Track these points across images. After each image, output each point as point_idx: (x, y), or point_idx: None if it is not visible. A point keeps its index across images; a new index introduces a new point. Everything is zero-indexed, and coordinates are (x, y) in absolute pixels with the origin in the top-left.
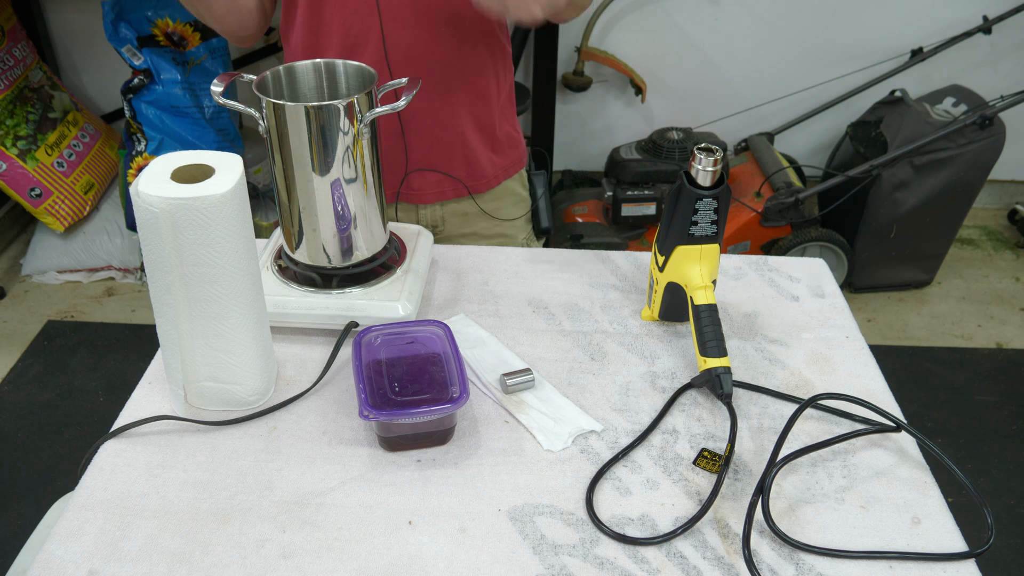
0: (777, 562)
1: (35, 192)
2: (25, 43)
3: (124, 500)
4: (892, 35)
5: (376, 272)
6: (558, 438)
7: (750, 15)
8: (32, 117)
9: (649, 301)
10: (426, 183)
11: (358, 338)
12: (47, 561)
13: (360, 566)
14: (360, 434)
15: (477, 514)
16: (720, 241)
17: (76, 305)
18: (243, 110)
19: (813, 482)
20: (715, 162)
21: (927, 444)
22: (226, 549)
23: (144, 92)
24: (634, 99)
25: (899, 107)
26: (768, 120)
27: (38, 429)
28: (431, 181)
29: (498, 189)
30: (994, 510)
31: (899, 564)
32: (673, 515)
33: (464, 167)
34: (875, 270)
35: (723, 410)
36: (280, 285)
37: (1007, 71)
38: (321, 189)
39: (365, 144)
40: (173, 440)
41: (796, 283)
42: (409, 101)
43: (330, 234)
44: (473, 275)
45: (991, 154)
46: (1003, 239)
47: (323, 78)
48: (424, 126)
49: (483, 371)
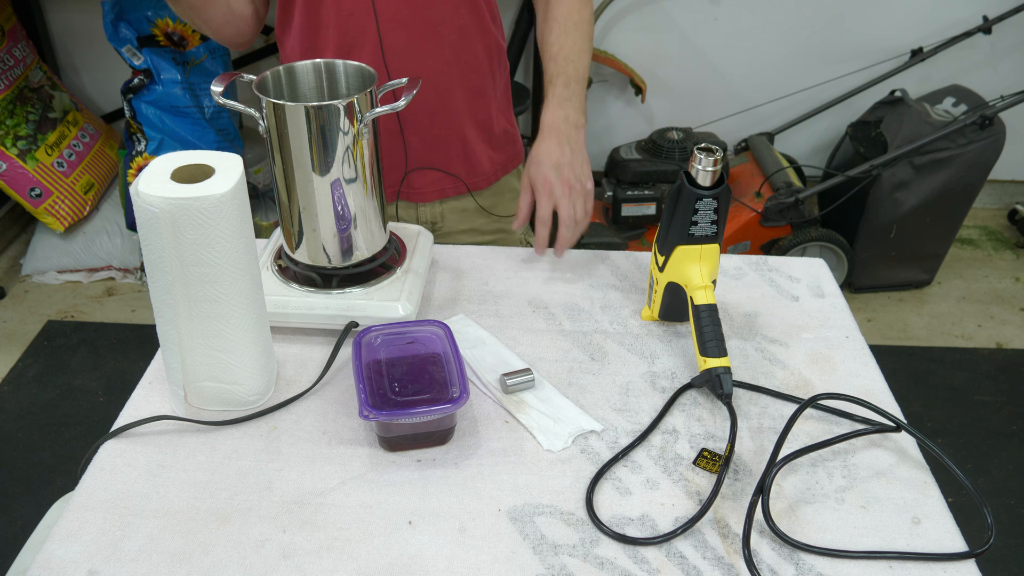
0: (777, 562)
1: (35, 192)
2: (25, 43)
3: (124, 500)
4: (892, 35)
5: (376, 272)
6: (558, 438)
7: (750, 15)
8: (32, 117)
9: (649, 301)
10: (426, 181)
11: (358, 338)
12: (47, 561)
13: (360, 566)
14: (360, 434)
15: (477, 514)
16: (720, 241)
17: (76, 305)
18: (243, 110)
19: (813, 482)
20: (715, 162)
21: (927, 444)
22: (226, 549)
23: (144, 92)
24: (634, 99)
25: (899, 107)
26: (768, 120)
27: (38, 429)
28: (431, 179)
29: (497, 185)
30: (994, 510)
31: (899, 564)
32: (673, 515)
33: (463, 164)
34: (875, 270)
35: (723, 410)
36: (280, 285)
37: (1007, 71)
38: (321, 189)
39: (365, 144)
40: (173, 440)
41: (796, 283)
42: (409, 101)
43: (330, 234)
44: (473, 275)
45: (991, 154)
46: (1003, 239)
47: (323, 78)
48: (423, 125)
49: (483, 371)
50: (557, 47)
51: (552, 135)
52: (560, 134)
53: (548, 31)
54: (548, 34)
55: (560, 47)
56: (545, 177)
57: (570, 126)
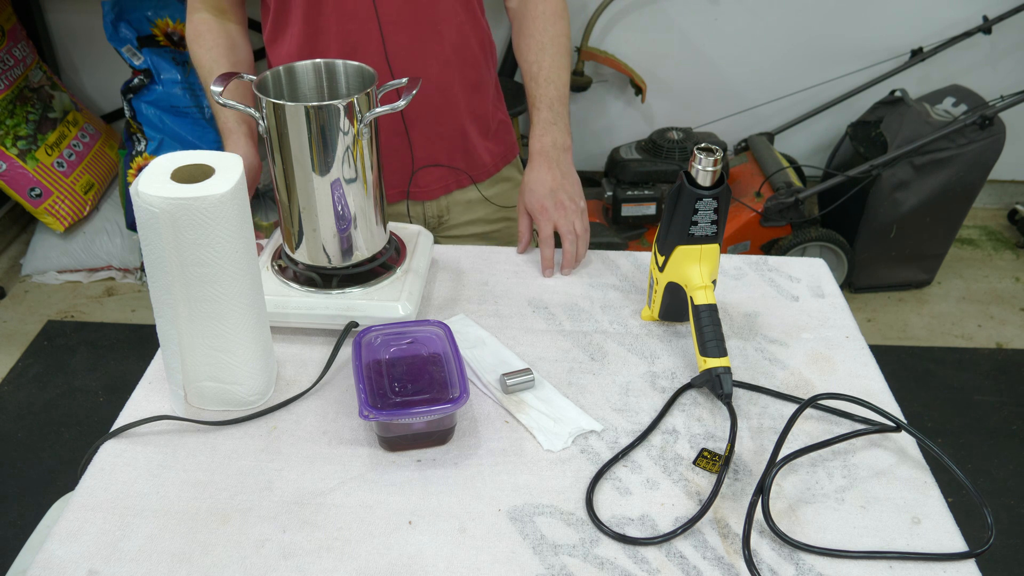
0: (777, 562)
1: (35, 192)
2: (25, 43)
3: (124, 500)
4: (892, 35)
5: (376, 272)
6: (558, 438)
7: (750, 15)
8: (32, 117)
9: (649, 301)
10: (431, 179)
11: (358, 338)
12: (47, 561)
13: (360, 566)
14: (360, 434)
15: (477, 514)
16: (720, 241)
17: (76, 305)
18: (243, 110)
19: (813, 482)
20: (715, 162)
21: (927, 444)
22: (226, 549)
23: (144, 92)
24: (634, 99)
25: (899, 107)
26: (768, 120)
27: (38, 429)
28: (436, 176)
29: (497, 176)
30: (994, 510)
31: (899, 564)
32: (673, 515)
33: (464, 159)
34: (875, 270)
35: (723, 410)
36: (280, 285)
37: (1007, 71)
38: (321, 189)
39: (365, 144)
40: (173, 440)
41: (796, 283)
42: (409, 101)
43: (330, 234)
44: (473, 275)
45: (991, 154)
46: (1003, 239)
47: (323, 78)
48: (427, 124)
49: (483, 371)
50: (536, 67)
51: (543, 162)
52: (550, 159)
53: (526, 48)
54: (526, 51)
55: (540, 67)
56: (541, 203)
57: (558, 150)
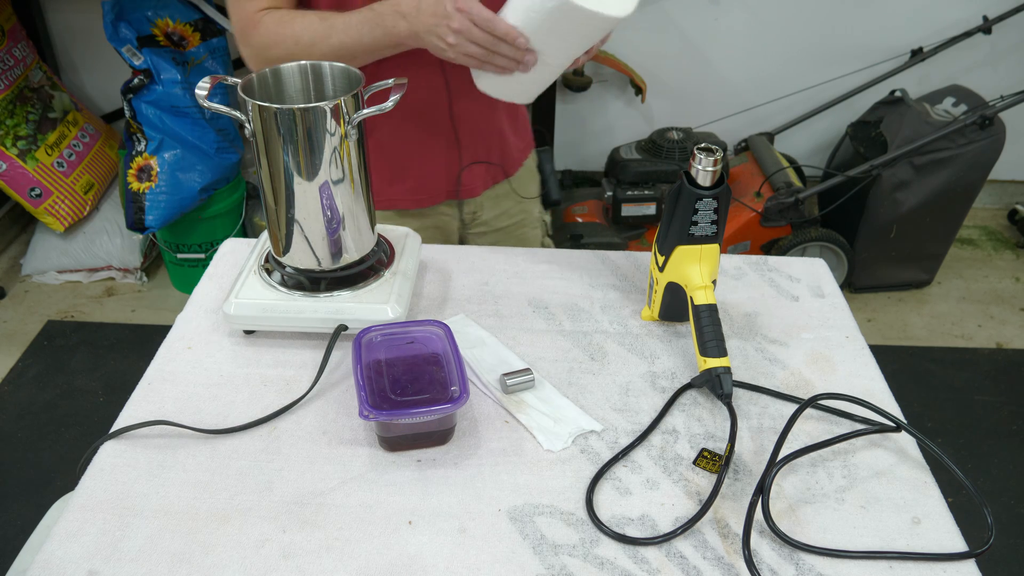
0: (777, 562)
1: (35, 192)
2: (25, 43)
3: (124, 500)
4: (892, 35)
5: (365, 274)
6: (558, 438)
7: (750, 15)
8: (32, 117)
9: (649, 301)
10: (475, 177)
11: (358, 338)
12: (47, 561)
13: (360, 566)
14: (360, 434)
15: (477, 514)
16: (720, 241)
17: (76, 305)
18: (228, 112)
19: (813, 482)
20: (715, 162)
21: (927, 444)
22: (226, 549)
23: (144, 92)
24: (634, 99)
25: (899, 107)
26: (768, 120)
27: (38, 429)
28: (477, 173)
29: (522, 168)
30: (994, 510)
31: (899, 564)
32: (673, 515)
33: (499, 154)
34: (875, 270)
35: (723, 410)
36: (268, 289)
37: (1007, 71)
38: (309, 192)
39: (352, 146)
40: (173, 440)
41: (796, 283)
42: (396, 102)
43: (318, 237)
44: (473, 275)
45: (991, 154)
46: (1003, 239)
47: (309, 80)
48: (473, 124)
49: (483, 371)
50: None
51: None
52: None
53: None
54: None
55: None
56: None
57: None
